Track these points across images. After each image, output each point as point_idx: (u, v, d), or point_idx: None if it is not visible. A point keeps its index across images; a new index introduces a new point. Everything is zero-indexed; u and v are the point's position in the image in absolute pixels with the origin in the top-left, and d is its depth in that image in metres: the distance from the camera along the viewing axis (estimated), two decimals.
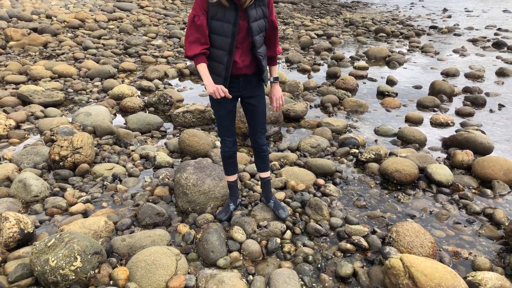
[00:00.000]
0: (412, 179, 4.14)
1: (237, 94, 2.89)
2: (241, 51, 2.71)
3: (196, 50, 2.63)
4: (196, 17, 2.59)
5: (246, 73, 2.81)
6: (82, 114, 5.64)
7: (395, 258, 2.58)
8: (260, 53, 2.75)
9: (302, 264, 2.93)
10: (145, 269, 2.66)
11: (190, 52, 2.64)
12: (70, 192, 3.87)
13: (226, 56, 2.66)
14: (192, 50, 2.63)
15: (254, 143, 3.17)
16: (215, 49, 2.69)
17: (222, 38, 2.63)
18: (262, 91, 3.01)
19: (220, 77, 2.73)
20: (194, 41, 2.62)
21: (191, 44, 2.63)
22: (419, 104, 6.85)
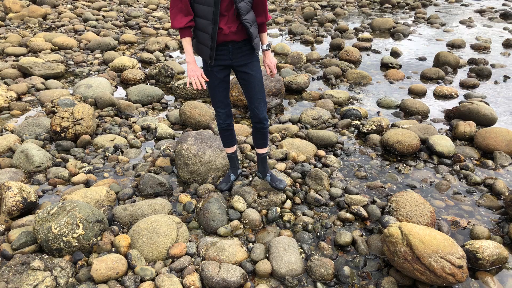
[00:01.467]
0: (414, 150, 4.12)
1: (227, 63, 2.79)
2: (227, 18, 2.59)
3: (181, 22, 2.58)
4: None
5: (234, 40, 2.69)
6: (83, 86, 5.61)
7: (393, 227, 2.60)
8: (246, 19, 2.62)
9: (302, 232, 2.96)
10: (147, 237, 2.70)
11: (176, 24, 2.59)
12: (72, 163, 3.90)
13: (210, 25, 2.56)
14: (178, 22, 2.59)
15: (253, 117, 3.00)
16: (199, 19, 2.61)
17: (204, 7, 2.53)
18: (255, 59, 2.88)
19: (206, 47, 2.66)
20: (178, 11, 2.57)
21: (175, 16, 2.58)
22: (423, 76, 6.76)
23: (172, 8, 2.58)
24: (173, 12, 2.58)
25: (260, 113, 2.97)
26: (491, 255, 2.65)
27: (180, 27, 2.58)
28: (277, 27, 10.65)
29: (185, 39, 2.66)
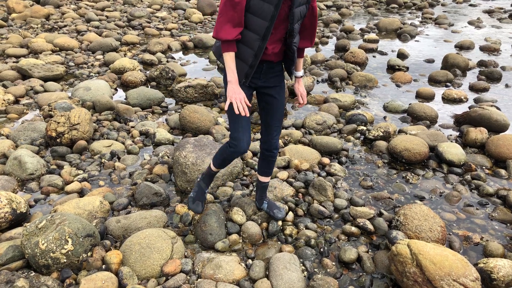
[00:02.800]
0: (422, 158, 3.95)
1: (255, 82, 2.52)
2: (274, 37, 2.35)
3: (231, 34, 2.21)
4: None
5: (272, 60, 2.46)
6: (81, 89, 5.48)
7: (402, 244, 2.44)
8: (295, 43, 2.39)
9: (304, 248, 2.80)
10: (139, 253, 2.55)
11: (223, 35, 2.21)
12: (67, 170, 3.76)
13: (258, 41, 2.26)
14: (226, 33, 2.21)
15: (265, 144, 2.75)
16: (247, 31, 2.28)
17: (258, 20, 2.21)
18: (283, 84, 2.65)
19: (246, 64, 2.36)
20: (228, 21, 2.19)
21: (224, 25, 2.20)
22: (431, 78, 6.57)
23: (221, 16, 2.20)
24: (221, 20, 2.20)
25: (274, 142, 2.75)
26: (507, 275, 2.47)
27: (227, 39, 2.22)
28: None
29: (229, 54, 2.29)
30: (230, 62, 2.33)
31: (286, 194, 3.38)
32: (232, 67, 2.33)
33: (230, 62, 2.32)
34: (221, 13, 2.20)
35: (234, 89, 2.31)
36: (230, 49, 2.30)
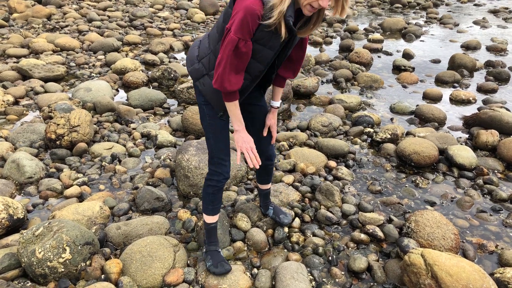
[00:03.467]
0: (432, 161, 3.83)
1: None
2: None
3: (237, 83, 1.98)
4: (242, 42, 1.86)
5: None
6: (82, 90, 5.38)
7: (415, 254, 2.32)
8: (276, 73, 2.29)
9: (312, 256, 2.69)
10: (140, 262, 2.45)
11: (228, 86, 1.96)
12: (66, 174, 3.66)
13: (248, 81, 2.11)
14: (231, 84, 1.96)
15: (262, 155, 2.54)
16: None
17: (255, 63, 2.04)
18: (263, 96, 2.51)
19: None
20: (232, 70, 1.94)
21: (229, 76, 1.94)
22: (437, 79, 6.45)
23: (225, 66, 1.91)
24: (225, 71, 1.92)
25: (270, 150, 2.63)
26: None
27: (234, 90, 2.00)
28: None
29: (234, 103, 2.08)
30: (235, 111, 2.12)
31: (292, 199, 3.27)
32: (238, 115, 2.14)
33: (235, 111, 2.12)
34: (224, 63, 1.91)
35: (243, 138, 2.16)
36: (233, 98, 2.08)
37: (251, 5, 1.78)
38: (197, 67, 2.20)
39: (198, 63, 2.18)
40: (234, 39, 1.84)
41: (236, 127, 2.17)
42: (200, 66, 2.18)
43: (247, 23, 1.81)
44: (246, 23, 1.81)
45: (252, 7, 1.78)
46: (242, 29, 1.83)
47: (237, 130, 2.17)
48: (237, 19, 1.83)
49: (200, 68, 2.18)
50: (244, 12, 1.79)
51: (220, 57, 1.92)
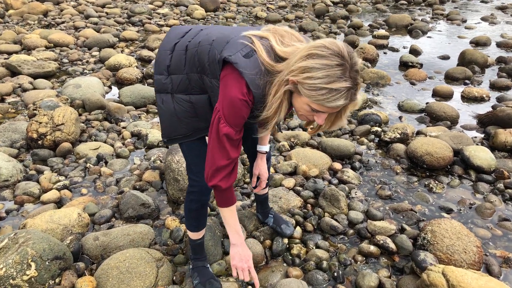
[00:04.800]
0: (446, 163, 3.50)
1: None
2: None
3: (229, 180, 1.70)
4: (236, 133, 1.63)
5: None
6: (71, 86, 5.08)
7: (435, 272, 2.00)
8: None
9: (314, 272, 2.36)
10: (117, 279, 2.13)
11: (223, 183, 1.68)
12: (47, 176, 3.35)
13: None
14: (225, 180, 1.68)
15: (255, 156, 2.28)
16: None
17: None
18: None
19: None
20: (226, 165, 1.66)
21: (222, 170, 1.66)
22: (447, 76, 6.10)
23: (218, 159, 1.64)
24: (219, 164, 1.65)
25: (268, 154, 2.35)
26: None
27: (227, 186, 1.70)
28: (287, 24, 10.05)
29: (230, 210, 1.78)
30: (231, 220, 1.82)
31: (293, 206, 2.94)
32: (235, 225, 1.84)
33: (231, 219, 1.82)
34: (217, 156, 1.64)
35: (241, 255, 1.86)
36: (230, 201, 1.77)
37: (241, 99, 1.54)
38: (163, 81, 1.84)
39: (167, 77, 1.83)
40: (228, 130, 1.59)
41: (232, 240, 1.86)
42: (168, 82, 1.83)
43: (243, 112, 1.58)
44: (242, 112, 1.58)
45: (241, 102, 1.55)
46: (236, 120, 1.59)
47: (234, 244, 1.86)
48: (229, 109, 1.57)
49: (166, 84, 1.84)
50: (235, 104, 1.56)
51: (210, 147, 1.65)
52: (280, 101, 1.53)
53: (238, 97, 1.53)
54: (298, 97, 1.51)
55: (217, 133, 1.61)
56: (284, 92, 1.51)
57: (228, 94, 1.56)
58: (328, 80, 1.38)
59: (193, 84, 1.79)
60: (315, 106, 1.47)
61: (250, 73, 1.53)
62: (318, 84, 1.39)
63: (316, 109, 1.49)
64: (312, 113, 1.53)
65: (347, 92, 1.40)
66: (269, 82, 1.55)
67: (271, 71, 1.54)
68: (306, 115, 1.58)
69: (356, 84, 1.42)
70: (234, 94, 1.54)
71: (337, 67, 1.38)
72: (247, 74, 1.52)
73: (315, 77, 1.39)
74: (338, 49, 1.39)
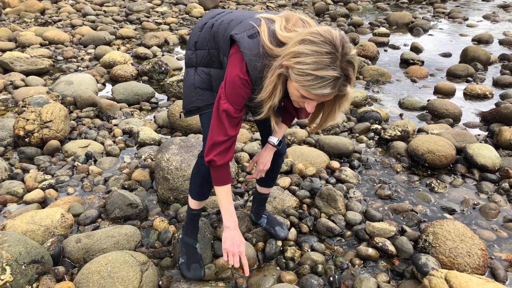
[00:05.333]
0: (448, 162, 3.36)
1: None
2: None
3: (225, 156, 1.71)
4: (235, 111, 1.65)
5: None
6: (62, 83, 4.95)
7: (437, 278, 1.86)
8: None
9: (309, 276, 2.22)
10: (98, 285, 1.99)
11: (218, 159, 1.69)
12: (32, 175, 3.22)
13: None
14: (220, 156, 1.70)
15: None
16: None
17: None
18: None
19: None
20: (222, 141, 1.68)
21: (218, 146, 1.68)
22: (449, 73, 5.97)
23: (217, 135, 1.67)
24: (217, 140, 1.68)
25: (282, 148, 2.19)
26: None
27: (222, 163, 1.72)
28: None
29: (225, 190, 1.79)
30: (225, 201, 1.81)
31: (288, 206, 2.81)
32: (229, 208, 1.82)
33: (225, 201, 1.81)
34: (216, 131, 1.68)
35: (233, 238, 1.82)
36: (225, 180, 1.78)
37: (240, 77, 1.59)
38: (190, 56, 1.96)
39: (194, 52, 1.94)
40: (228, 107, 1.63)
41: (226, 222, 1.83)
42: (194, 56, 1.94)
43: (245, 91, 1.63)
44: (244, 91, 1.62)
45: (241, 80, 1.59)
46: (237, 98, 1.63)
47: (227, 227, 1.83)
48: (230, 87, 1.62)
49: (192, 58, 1.94)
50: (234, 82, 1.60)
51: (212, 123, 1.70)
52: (274, 84, 1.54)
53: (238, 75, 1.58)
54: (290, 82, 1.51)
55: (217, 109, 1.65)
56: (278, 76, 1.51)
57: (230, 72, 1.60)
58: (316, 67, 1.36)
59: (214, 59, 1.87)
60: (303, 92, 1.46)
61: (251, 53, 1.55)
62: (306, 69, 1.38)
63: (304, 96, 1.48)
64: (303, 99, 1.52)
65: (334, 81, 1.38)
66: (267, 66, 1.55)
67: (271, 54, 1.54)
68: (298, 101, 1.58)
69: (346, 75, 1.39)
70: (235, 73, 1.58)
71: (326, 55, 1.36)
72: (247, 55, 1.55)
73: (304, 63, 1.38)
74: (331, 37, 1.38)
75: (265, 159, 2.10)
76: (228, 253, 1.82)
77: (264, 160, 2.10)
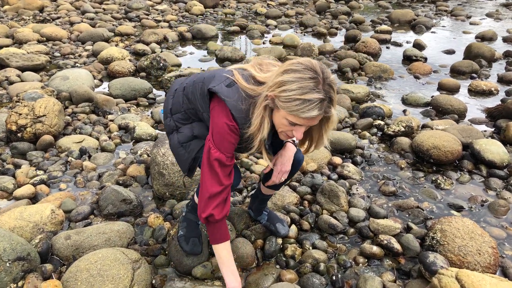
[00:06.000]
0: (454, 158, 3.25)
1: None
2: None
3: (223, 209, 1.68)
4: (227, 159, 1.65)
5: None
6: (58, 78, 4.84)
7: (448, 277, 1.75)
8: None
9: (310, 275, 2.11)
10: (87, 283, 1.88)
11: (216, 212, 1.64)
12: (24, 171, 3.11)
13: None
14: (218, 209, 1.65)
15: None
16: None
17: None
18: None
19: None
20: (218, 192, 1.64)
21: (215, 198, 1.64)
22: (453, 69, 5.85)
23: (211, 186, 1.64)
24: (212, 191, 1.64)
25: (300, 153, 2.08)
26: None
27: (221, 217, 1.67)
28: (287, 19, 9.80)
29: (225, 247, 1.72)
30: (226, 259, 1.73)
31: (288, 202, 2.70)
32: (231, 266, 1.73)
33: (226, 258, 1.73)
34: (209, 183, 1.64)
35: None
36: (223, 237, 1.72)
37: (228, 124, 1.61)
38: (168, 123, 1.99)
39: (171, 118, 1.98)
40: (219, 156, 1.63)
41: (230, 283, 1.72)
42: (172, 122, 1.97)
43: (233, 138, 1.65)
44: (232, 138, 1.64)
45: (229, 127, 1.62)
46: (226, 145, 1.64)
47: (229, 283, 1.72)
48: (217, 135, 1.64)
49: (171, 124, 1.97)
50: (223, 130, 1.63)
51: (203, 176, 1.67)
52: (262, 117, 1.58)
53: (226, 122, 1.61)
54: (277, 112, 1.56)
55: (208, 159, 1.64)
56: (264, 108, 1.57)
57: (216, 122, 1.63)
58: (302, 92, 1.44)
59: (192, 117, 1.90)
60: (291, 118, 1.50)
61: (232, 99, 1.60)
62: (293, 95, 1.45)
63: (293, 122, 1.52)
64: (291, 127, 1.56)
65: (320, 103, 1.45)
66: (252, 104, 1.61)
67: (253, 94, 1.61)
68: (285, 131, 1.61)
69: (330, 97, 1.47)
70: (223, 121, 1.61)
71: (310, 80, 1.44)
72: (229, 101, 1.60)
73: (290, 89, 1.46)
74: (311, 64, 1.48)
75: (284, 159, 1.95)
76: None
77: (283, 160, 1.95)
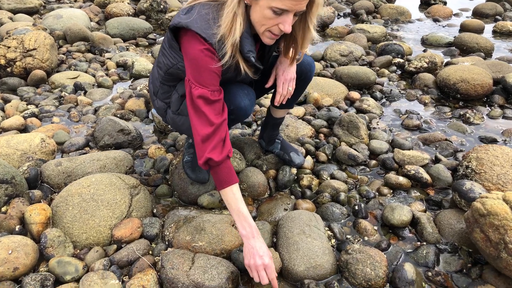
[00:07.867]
0: (485, 92, 2.96)
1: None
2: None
3: (222, 150, 1.43)
4: (212, 94, 1.41)
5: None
6: (51, 17, 4.51)
7: (493, 199, 1.51)
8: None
9: (330, 204, 1.88)
10: (79, 208, 1.66)
11: (215, 155, 1.40)
12: (14, 104, 2.86)
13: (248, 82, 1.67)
14: (216, 151, 1.41)
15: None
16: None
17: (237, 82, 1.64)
18: None
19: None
20: (210, 133, 1.40)
21: (208, 140, 1.41)
22: (476, 12, 5.46)
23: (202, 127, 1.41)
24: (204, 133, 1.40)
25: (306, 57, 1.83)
26: None
27: (220, 159, 1.42)
28: None
29: (232, 191, 1.45)
30: (236, 204, 1.45)
31: (302, 134, 2.44)
32: (244, 212, 1.45)
33: (236, 203, 1.45)
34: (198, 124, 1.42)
35: (254, 248, 1.42)
36: (230, 180, 1.46)
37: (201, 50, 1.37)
38: (157, 105, 1.81)
39: (157, 100, 1.80)
40: (202, 92, 1.40)
41: (242, 230, 1.46)
42: (160, 103, 1.78)
43: (211, 70, 1.39)
44: (211, 70, 1.39)
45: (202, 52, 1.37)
46: (206, 79, 1.40)
47: (244, 235, 1.45)
48: (193, 70, 1.41)
49: (160, 105, 1.78)
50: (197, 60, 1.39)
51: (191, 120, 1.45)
52: (234, 14, 1.34)
53: (197, 48, 1.38)
54: (256, 6, 1.33)
55: (191, 99, 1.43)
56: (238, 4, 1.32)
57: (188, 54, 1.41)
58: None
59: (170, 83, 1.70)
60: (276, 3, 1.26)
61: (196, 20, 1.37)
62: None
63: (279, 8, 1.27)
64: (276, 19, 1.32)
65: None
66: (221, 6, 1.38)
67: (218, 4, 1.39)
68: (270, 28, 1.36)
69: None
70: (192, 49, 1.39)
71: None
72: (193, 25, 1.36)
73: None
74: None
75: (284, 65, 1.68)
76: (252, 269, 1.43)
77: (284, 66, 1.68)
